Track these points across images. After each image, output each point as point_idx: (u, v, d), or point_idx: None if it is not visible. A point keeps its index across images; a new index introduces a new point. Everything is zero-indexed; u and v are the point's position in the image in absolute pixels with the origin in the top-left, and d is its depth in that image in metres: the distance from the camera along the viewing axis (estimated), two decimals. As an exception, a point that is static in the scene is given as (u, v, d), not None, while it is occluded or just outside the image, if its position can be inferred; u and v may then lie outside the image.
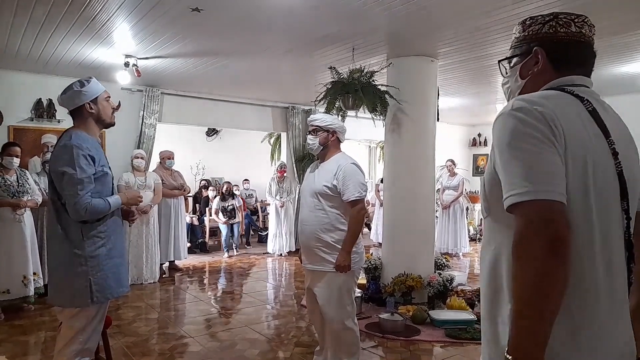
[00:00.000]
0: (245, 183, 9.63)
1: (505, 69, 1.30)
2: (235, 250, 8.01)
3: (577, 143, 1.03)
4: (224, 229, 7.89)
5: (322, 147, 2.96)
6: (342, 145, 3.07)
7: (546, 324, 0.94)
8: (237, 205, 8.00)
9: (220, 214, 7.86)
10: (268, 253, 7.95)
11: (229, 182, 8.24)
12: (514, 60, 1.25)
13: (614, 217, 1.06)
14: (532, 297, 0.94)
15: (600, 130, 1.08)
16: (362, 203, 2.85)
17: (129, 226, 2.69)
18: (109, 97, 2.41)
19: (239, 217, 7.98)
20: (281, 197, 7.77)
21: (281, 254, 7.82)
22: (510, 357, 0.97)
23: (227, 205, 7.88)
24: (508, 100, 1.29)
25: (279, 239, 7.83)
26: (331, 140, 2.96)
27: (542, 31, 1.17)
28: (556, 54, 1.16)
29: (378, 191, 8.54)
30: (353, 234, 2.82)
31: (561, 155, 1.00)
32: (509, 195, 1.00)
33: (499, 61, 1.31)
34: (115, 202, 2.31)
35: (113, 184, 2.43)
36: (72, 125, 2.36)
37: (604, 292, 1.05)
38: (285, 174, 7.86)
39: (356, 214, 2.82)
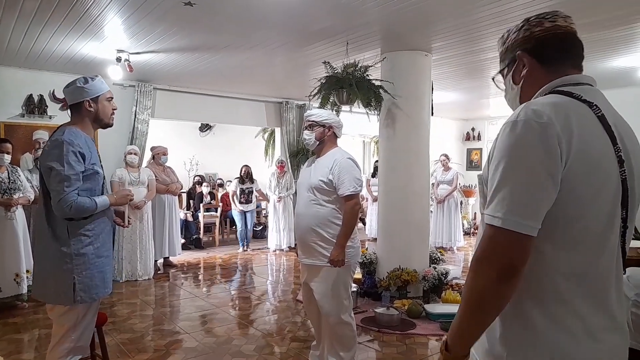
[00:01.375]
0: None
1: (500, 82, 1.34)
2: (246, 246, 7.97)
3: (587, 152, 1.03)
4: (238, 222, 7.83)
5: (318, 142, 2.96)
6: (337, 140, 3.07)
7: (480, 330, 1.08)
8: (256, 189, 7.94)
9: (237, 198, 7.76)
10: (267, 248, 7.94)
11: (247, 166, 8.03)
12: (505, 71, 1.29)
13: (615, 225, 1.08)
14: (473, 308, 1.07)
15: (608, 137, 1.08)
16: (356, 198, 2.85)
17: (125, 227, 2.65)
18: (112, 97, 2.39)
19: (254, 203, 7.91)
20: (279, 193, 7.77)
21: (275, 250, 7.82)
22: (444, 349, 1.12)
23: (245, 187, 7.81)
24: (513, 109, 1.31)
25: (276, 234, 7.83)
26: (327, 136, 2.96)
27: (520, 37, 1.22)
28: (538, 51, 1.20)
29: (369, 186, 8.55)
30: (347, 229, 2.82)
31: (554, 177, 1.00)
32: (486, 213, 1.06)
33: (492, 78, 1.36)
34: (103, 202, 2.27)
35: (104, 184, 2.40)
36: (69, 120, 2.33)
37: (601, 299, 1.08)
38: (284, 169, 7.86)
39: (350, 209, 2.82)
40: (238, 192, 7.81)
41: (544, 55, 1.19)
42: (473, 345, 1.10)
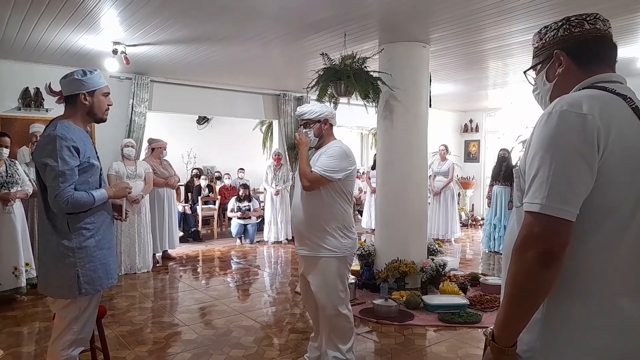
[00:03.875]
0: (240, 172, 9.60)
1: (532, 77, 1.35)
2: (242, 241, 8.06)
3: (624, 142, 1.06)
4: (235, 226, 8.00)
5: (318, 138, 2.95)
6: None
7: (525, 318, 1.08)
8: (254, 208, 8.09)
9: (234, 214, 8.00)
10: (263, 241, 7.97)
11: (247, 187, 8.28)
12: (539, 67, 1.31)
13: None
14: (516, 295, 1.07)
15: None
16: (319, 179, 2.74)
17: (122, 221, 2.64)
18: (108, 93, 2.36)
19: (254, 219, 8.07)
20: (276, 185, 7.77)
21: (273, 242, 7.83)
22: (490, 339, 1.12)
23: (242, 205, 8.00)
24: (541, 106, 1.34)
25: (273, 226, 7.84)
26: (325, 129, 2.95)
27: (558, 35, 1.24)
28: (576, 52, 1.22)
29: (369, 178, 8.55)
30: (302, 162, 2.82)
31: (591, 165, 1.03)
32: (525, 201, 1.09)
33: (524, 72, 1.38)
34: (101, 195, 2.27)
35: (102, 176, 2.39)
36: (63, 112, 2.31)
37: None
38: (281, 162, 7.87)
39: (311, 176, 2.75)
40: (235, 209, 7.99)
41: (582, 57, 1.21)
42: (519, 335, 1.10)
